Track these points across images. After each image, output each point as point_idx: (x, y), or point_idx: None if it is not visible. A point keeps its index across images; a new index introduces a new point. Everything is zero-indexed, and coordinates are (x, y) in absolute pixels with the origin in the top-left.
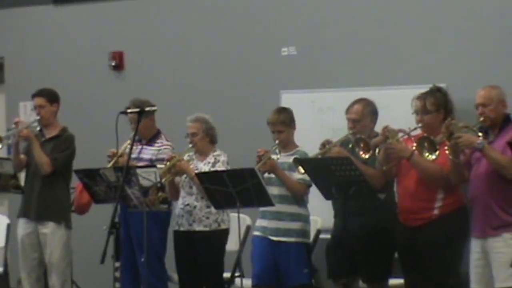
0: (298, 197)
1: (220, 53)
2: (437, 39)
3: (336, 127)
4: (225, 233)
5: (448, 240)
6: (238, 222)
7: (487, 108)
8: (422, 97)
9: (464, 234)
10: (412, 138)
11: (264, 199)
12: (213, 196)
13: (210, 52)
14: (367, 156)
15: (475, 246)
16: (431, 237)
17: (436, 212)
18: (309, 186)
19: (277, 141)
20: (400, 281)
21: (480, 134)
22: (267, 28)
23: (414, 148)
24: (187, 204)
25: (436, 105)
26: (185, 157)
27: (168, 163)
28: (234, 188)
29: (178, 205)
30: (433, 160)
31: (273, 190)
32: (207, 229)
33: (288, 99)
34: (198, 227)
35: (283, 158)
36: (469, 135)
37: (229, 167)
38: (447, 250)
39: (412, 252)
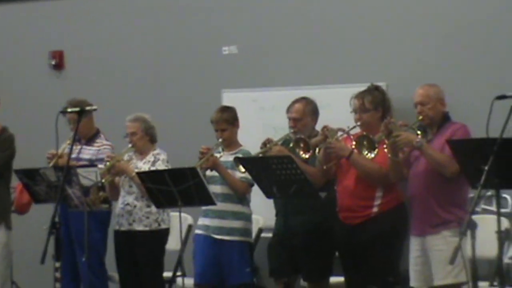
0: (241, 196)
1: (160, 52)
2: (376, 38)
3: (278, 126)
4: (165, 232)
5: (386, 238)
6: (179, 221)
7: (425, 107)
8: (360, 95)
9: (403, 231)
10: (351, 137)
11: (206, 198)
12: (155, 195)
13: (151, 51)
14: (307, 156)
15: (414, 244)
16: (370, 235)
17: (375, 210)
18: (251, 184)
19: (220, 140)
20: (341, 279)
21: (419, 132)
22: (208, 27)
23: (353, 147)
24: (127, 204)
25: (374, 104)
26: (125, 157)
27: (107, 163)
28: (175, 187)
29: (118, 205)
30: (372, 159)
31: (216, 189)
32: (147, 228)
33: (229, 98)
34: (138, 227)
35: (226, 157)
36: (408, 134)
37: (169, 166)
38: (386, 247)
39: (351, 250)
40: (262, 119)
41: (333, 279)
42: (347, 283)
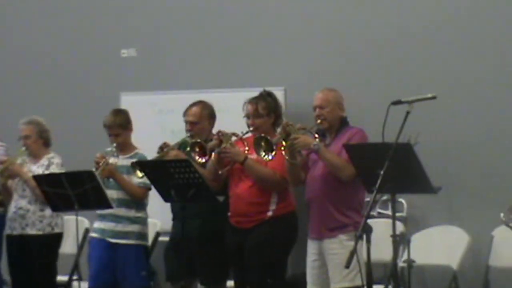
0: (138, 201)
1: (58, 54)
2: (275, 42)
3: (176, 129)
4: (58, 237)
5: (272, 241)
6: (76, 225)
7: (324, 111)
8: (253, 101)
9: (291, 238)
10: (244, 142)
11: (103, 202)
12: (51, 198)
13: (48, 52)
14: (203, 160)
15: (311, 247)
16: (258, 238)
17: (269, 214)
18: (149, 189)
19: (114, 145)
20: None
21: (316, 136)
22: (106, 30)
23: (246, 151)
24: (20, 208)
25: (268, 109)
26: (19, 160)
27: (0, 166)
28: (72, 190)
29: (11, 209)
30: (270, 161)
31: (112, 194)
32: (41, 232)
33: (128, 101)
34: (31, 231)
35: (122, 161)
36: (305, 137)
37: (63, 170)
38: (270, 250)
39: (240, 252)
40: (160, 123)
41: (231, 283)
42: (235, 286)
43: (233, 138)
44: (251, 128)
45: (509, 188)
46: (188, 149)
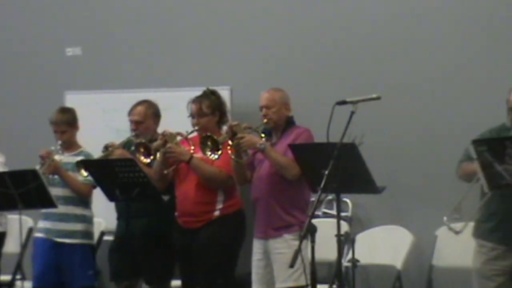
0: (83, 198)
1: (2, 52)
2: (221, 42)
3: (121, 129)
4: (1, 236)
5: (221, 241)
6: (20, 224)
7: (270, 110)
8: (197, 100)
9: (239, 236)
10: (190, 141)
11: (47, 201)
12: None
13: None
14: (148, 161)
15: (257, 247)
16: (206, 238)
17: (216, 213)
18: (94, 187)
19: (59, 142)
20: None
21: (263, 135)
22: (51, 28)
23: (192, 151)
24: None
25: (212, 108)
26: None
27: None
28: (16, 189)
29: None
30: (215, 160)
31: (57, 191)
32: None
33: (72, 100)
34: None
35: (67, 159)
36: (251, 136)
37: (7, 169)
38: (219, 250)
39: (188, 253)
40: (105, 121)
41: (175, 283)
42: (183, 286)
43: (179, 138)
44: (196, 128)
45: (452, 188)
46: (133, 148)
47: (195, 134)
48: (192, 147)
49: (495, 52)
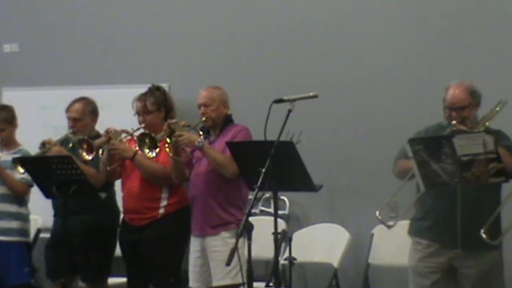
0: (20, 196)
1: None
2: (159, 39)
3: (59, 126)
4: None
5: (170, 239)
6: None
7: (209, 108)
8: (142, 98)
9: (186, 233)
10: (135, 139)
11: None
12: None
13: None
14: (90, 158)
15: (194, 244)
16: (154, 236)
17: (161, 211)
18: (31, 185)
19: None
20: (121, 280)
21: (201, 133)
22: None
23: (137, 148)
24: None
25: (157, 104)
26: None
27: None
28: None
29: None
30: (154, 157)
31: None
32: None
33: (10, 96)
34: None
35: (5, 157)
36: (190, 134)
37: None
38: (169, 248)
39: (135, 250)
40: (43, 118)
41: (114, 280)
42: (129, 284)
43: (123, 135)
44: (142, 125)
45: (389, 186)
46: (70, 145)
47: (141, 131)
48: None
49: (432, 51)
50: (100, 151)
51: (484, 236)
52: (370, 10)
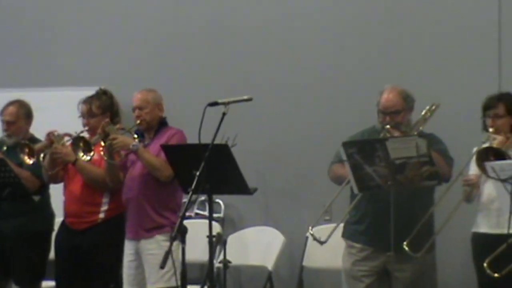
0: None
1: None
2: (93, 41)
3: None
4: None
5: (109, 244)
6: None
7: (143, 111)
8: (88, 100)
9: (124, 237)
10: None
11: None
12: None
13: None
14: (31, 162)
15: (128, 248)
16: (94, 241)
17: (101, 216)
18: None
19: None
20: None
21: (135, 136)
22: None
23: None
24: None
25: (102, 108)
26: None
27: None
28: None
29: None
30: (88, 161)
31: None
32: None
33: None
34: None
35: None
36: (124, 137)
37: None
38: (109, 253)
39: (74, 255)
40: None
41: (47, 283)
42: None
43: (66, 139)
44: (85, 128)
45: (324, 189)
46: (5, 148)
47: (85, 134)
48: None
49: (367, 54)
50: (42, 155)
51: (406, 248)
52: (306, 14)
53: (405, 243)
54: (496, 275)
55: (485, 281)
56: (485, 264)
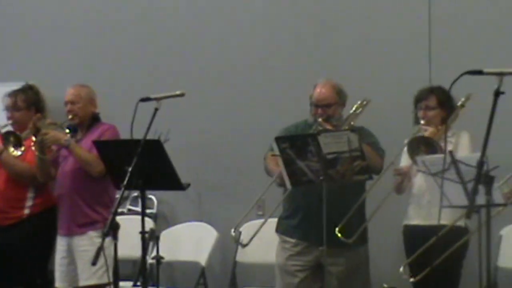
0: None
1: None
2: (24, 36)
3: None
4: None
5: (36, 240)
6: None
7: (76, 106)
8: (13, 94)
9: (53, 233)
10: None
11: None
12: None
13: None
14: None
15: (60, 244)
16: (20, 237)
17: (26, 211)
18: None
19: None
20: None
21: (67, 131)
22: None
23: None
24: None
25: (27, 103)
26: None
27: None
28: None
29: None
30: (19, 156)
31: None
32: None
33: None
34: None
35: None
36: (56, 132)
37: None
38: (35, 249)
39: (0, 251)
40: None
41: None
42: None
43: None
44: (9, 121)
45: (257, 185)
46: None
47: (9, 128)
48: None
49: (300, 48)
50: None
51: (339, 234)
52: (238, 10)
53: (337, 229)
54: (411, 279)
55: (418, 274)
56: (401, 269)
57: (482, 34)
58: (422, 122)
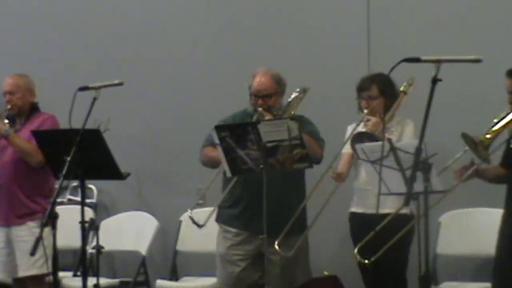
0: None
1: None
2: None
3: None
4: None
5: None
6: None
7: (14, 96)
8: None
9: None
10: None
11: None
12: None
13: None
14: None
15: None
16: None
17: None
18: None
19: None
20: None
21: (6, 121)
22: None
23: None
24: None
25: None
26: None
27: None
28: None
29: None
30: None
31: None
32: None
33: None
34: None
35: None
36: None
37: None
38: None
39: None
40: None
41: None
42: None
43: None
44: None
45: (197, 174)
46: None
47: None
48: None
49: (239, 37)
50: None
51: (278, 248)
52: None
53: (276, 243)
54: (366, 261)
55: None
56: (355, 251)
57: (420, 22)
58: (365, 111)
